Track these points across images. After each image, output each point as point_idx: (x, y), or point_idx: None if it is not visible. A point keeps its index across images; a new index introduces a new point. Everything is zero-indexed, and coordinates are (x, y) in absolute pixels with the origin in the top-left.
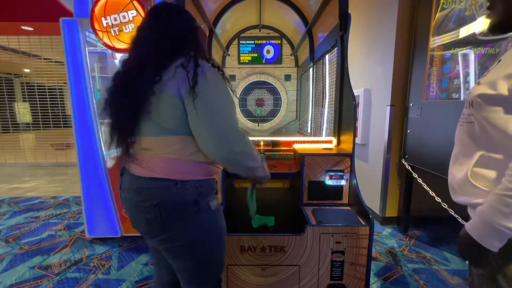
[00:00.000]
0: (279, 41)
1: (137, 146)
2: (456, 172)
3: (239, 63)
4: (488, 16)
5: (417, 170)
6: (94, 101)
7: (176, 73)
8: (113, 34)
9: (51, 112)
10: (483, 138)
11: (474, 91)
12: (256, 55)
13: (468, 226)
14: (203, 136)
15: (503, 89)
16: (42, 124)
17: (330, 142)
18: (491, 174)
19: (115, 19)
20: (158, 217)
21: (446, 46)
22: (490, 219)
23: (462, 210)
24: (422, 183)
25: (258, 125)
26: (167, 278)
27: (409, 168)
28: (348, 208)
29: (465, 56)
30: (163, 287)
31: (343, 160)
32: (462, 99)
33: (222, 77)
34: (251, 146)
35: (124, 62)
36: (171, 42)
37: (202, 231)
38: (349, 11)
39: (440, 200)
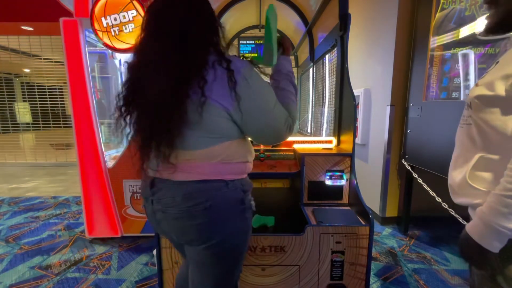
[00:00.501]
0: None
1: (178, 157)
2: (456, 174)
3: None
4: (487, 17)
5: (417, 170)
6: (94, 101)
7: (216, 77)
8: (113, 34)
9: (51, 112)
10: (482, 139)
11: (472, 93)
12: (256, 55)
13: (468, 227)
14: (258, 132)
15: (500, 90)
16: (42, 124)
17: (330, 142)
18: (490, 175)
19: (115, 19)
20: (211, 219)
21: (446, 46)
22: (490, 220)
23: (462, 210)
24: (422, 183)
25: None
26: None
27: (409, 168)
28: (348, 208)
29: (465, 56)
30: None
31: (343, 160)
32: (462, 99)
33: (252, 64)
34: (294, 105)
35: (146, 65)
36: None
37: (246, 231)
38: (349, 11)
39: (440, 200)
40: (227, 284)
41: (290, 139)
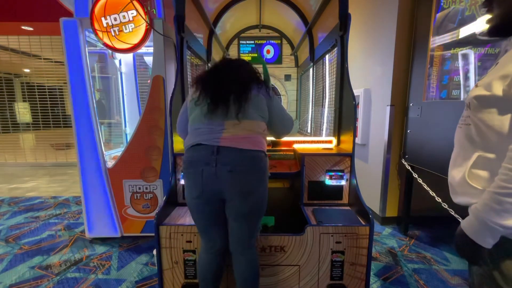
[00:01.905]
0: (279, 41)
1: (239, 126)
2: (455, 174)
3: None
4: (487, 21)
5: (417, 170)
6: (94, 101)
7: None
8: (113, 34)
9: (51, 112)
10: (480, 139)
11: (471, 93)
12: (256, 55)
13: (463, 223)
14: (279, 123)
15: (497, 89)
16: (42, 124)
17: (330, 142)
18: (487, 174)
19: (115, 19)
20: (260, 177)
21: (446, 46)
22: (483, 217)
23: (462, 210)
24: (422, 183)
25: None
26: (219, 245)
27: (409, 168)
28: (348, 208)
29: (465, 56)
30: (213, 255)
31: (343, 160)
32: (462, 99)
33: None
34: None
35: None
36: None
37: (267, 185)
38: (349, 11)
39: (440, 200)
40: (255, 231)
41: (290, 139)
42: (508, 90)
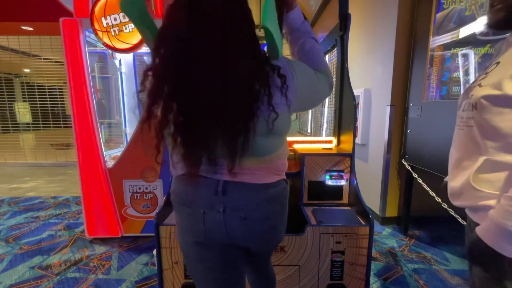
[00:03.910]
0: None
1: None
2: (458, 177)
3: None
4: (492, 11)
5: (417, 170)
6: (94, 101)
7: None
8: (113, 34)
9: (51, 112)
10: (487, 141)
11: (477, 93)
12: None
13: (479, 231)
14: (320, 88)
15: (509, 89)
16: (42, 124)
17: (330, 142)
18: (499, 177)
19: (115, 19)
20: (283, 218)
21: (446, 46)
22: (503, 223)
23: (462, 210)
24: (422, 183)
25: None
26: None
27: (409, 168)
28: (348, 208)
29: (465, 56)
30: None
31: (343, 160)
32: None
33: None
34: (325, 62)
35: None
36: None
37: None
38: (349, 11)
39: (440, 200)
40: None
41: (290, 139)
42: None
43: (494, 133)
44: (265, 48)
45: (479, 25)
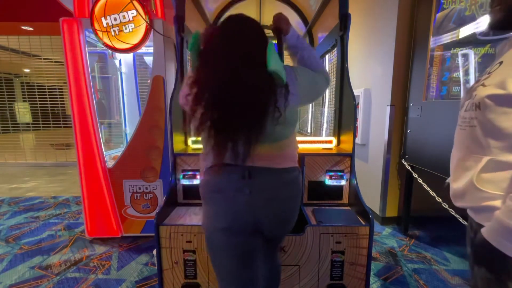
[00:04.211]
0: None
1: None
2: (460, 178)
3: None
4: (492, 12)
5: (417, 170)
6: (94, 101)
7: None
8: (113, 34)
9: (51, 112)
10: (491, 141)
11: (481, 93)
12: None
13: (485, 232)
14: (319, 82)
15: None
16: (42, 124)
17: (330, 142)
18: (503, 177)
19: (115, 19)
20: (299, 199)
21: (446, 46)
22: (509, 224)
23: (463, 210)
24: (422, 183)
25: None
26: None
27: (409, 168)
28: (348, 208)
29: (465, 56)
30: None
31: (343, 160)
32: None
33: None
34: (321, 63)
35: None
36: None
37: None
38: (349, 11)
39: (440, 200)
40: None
41: None
42: None
43: (498, 133)
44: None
45: (479, 25)
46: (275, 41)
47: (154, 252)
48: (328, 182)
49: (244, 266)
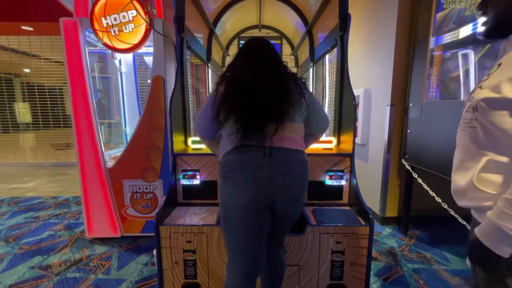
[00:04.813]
0: (279, 41)
1: (282, 129)
2: (461, 177)
3: None
4: (483, 23)
5: (417, 170)
6: (94, 101)
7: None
8: (113, 34)
9: (51, 112)
10: (490, 142)
11: (477, 95)
12: None
13: (478, 232)
14: (317, 121)
15: (508, 92)
16: (42, 124)
17: (330, 142)
18: (500, 178)
19: (115, 19)
20: (307, 181)
21: (446, 46)
22: (500, 225)
23: (462, 210)
24: (422, 183)
25: None
26: (261, 268)
27: (409, 168)
28: (348, 208)
29: (465, 56)
30: (252, 285)
31: (343, 160)
32: (462, 99)
33: None
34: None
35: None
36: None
37: None
38: (349, 11)
39: (440, 200)
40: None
41: None
42: None
43: (496, 135)
44: None
45: (479, 25)
46: (277, 42)
47: (154, 252)
48: (328, 182)
49: (255, 241)
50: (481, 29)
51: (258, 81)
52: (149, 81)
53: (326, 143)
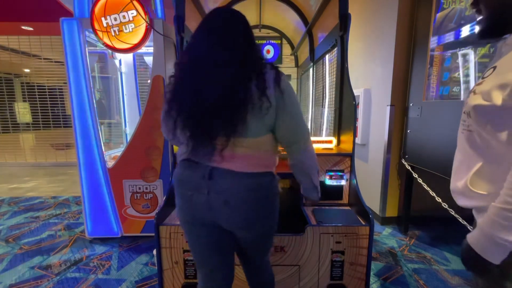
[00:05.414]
0: (279, 41)
1: (236, 146)
2: (459, 178)
3: None
4: (477, 23)
5: (417, 170)
6: (94, 101)
7: (269, 75)
8: (113, 34)
9: (51, 112)
10: (483, 148)
11: (470, 102)
12: None
13: (469, 238)
14: (289, 126)
15: (497, 99)
16: (42, 124)
17: (330, 142)
18: (491, 183)
19: (115, 19)
20: (266, 209)
21: (446, 46)
22: (491, 233)
23: (462, 210)
24: (422, 183)
25: None
26: (221, 280)
27: (409, 168)
28: (348, 208)
29: (465, 56)
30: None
31: (343, 160)
32: (462, 99)
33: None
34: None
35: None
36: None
37: (278, 208)
38: (349, 11)
39: (440, 200)
40: (267, 251)
41: None
42: (508, 100)
43: (488, 141)
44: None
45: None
46: (277, 42)
47: (154, 252)
48: (328, 182)
49: (208, 256)
50: (477, 30)
51: (199, 80)
52: (149, 81)
53: (326, 143)
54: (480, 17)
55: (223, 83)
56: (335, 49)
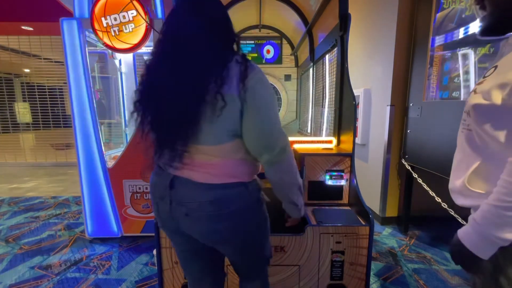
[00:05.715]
0: (279, 41)
1: (198, 153)
2: (457, 177)
3: None
4: (480, 20)
5: (417, 170)
6: (94, 101)
7: (233, 70)
8: (113, 34)
9: (51, 112)
10: (482, 147)
11: (470, 101)
12: (256, 55)
13: (460, 234)
14: (255, 132)
15: (496, 98)
16: (42, 124)
17: (330, 142)
18: (488, 182)
19: (115, 19)
20: (235, 223)
21: (446, 46)
22: (483, 230)
23: (462, 210)
24: (422, 183)
25: None
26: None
27: (409, 168)
28: (348, 208)
29: (465, 56)
30: None
31: (343, 160)
32: (462, 98)
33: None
34: (292, 153)
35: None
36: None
37: (265, 220)
38: (349, 11)
39: (440, 200)
40: (263, 263)
41: (290, 139)
42: (507, 100)
43: (486, 141)
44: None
45: (478, 25)
46: (277, 42)
47: (154, 252)
48: (328, 182)
49: (192, 261)
50: (480, 26)
51: (160, 78)
52: None
53: (326, 143)
54: (484, 14)
55: (177, 76)
56: (335, 49)
